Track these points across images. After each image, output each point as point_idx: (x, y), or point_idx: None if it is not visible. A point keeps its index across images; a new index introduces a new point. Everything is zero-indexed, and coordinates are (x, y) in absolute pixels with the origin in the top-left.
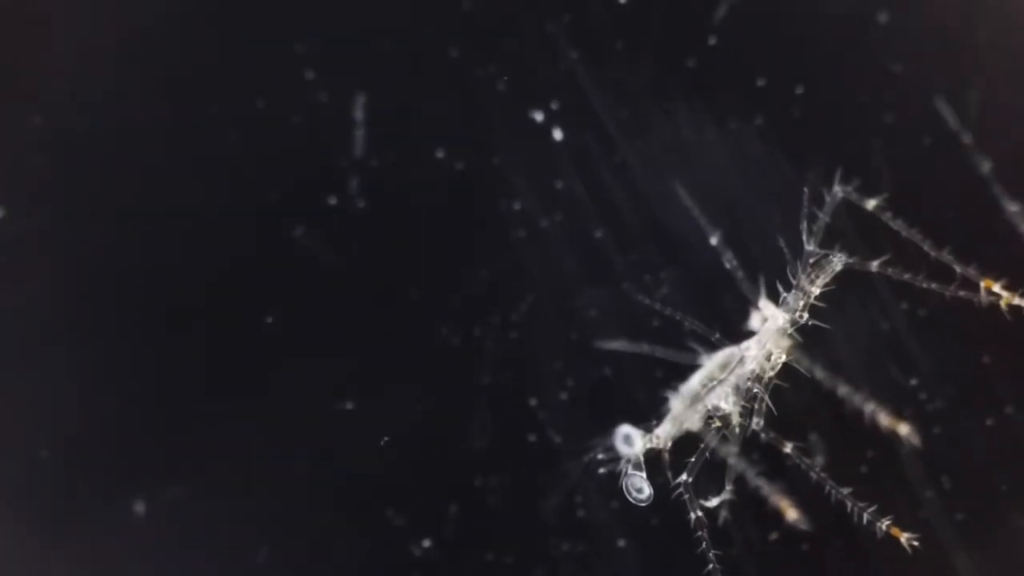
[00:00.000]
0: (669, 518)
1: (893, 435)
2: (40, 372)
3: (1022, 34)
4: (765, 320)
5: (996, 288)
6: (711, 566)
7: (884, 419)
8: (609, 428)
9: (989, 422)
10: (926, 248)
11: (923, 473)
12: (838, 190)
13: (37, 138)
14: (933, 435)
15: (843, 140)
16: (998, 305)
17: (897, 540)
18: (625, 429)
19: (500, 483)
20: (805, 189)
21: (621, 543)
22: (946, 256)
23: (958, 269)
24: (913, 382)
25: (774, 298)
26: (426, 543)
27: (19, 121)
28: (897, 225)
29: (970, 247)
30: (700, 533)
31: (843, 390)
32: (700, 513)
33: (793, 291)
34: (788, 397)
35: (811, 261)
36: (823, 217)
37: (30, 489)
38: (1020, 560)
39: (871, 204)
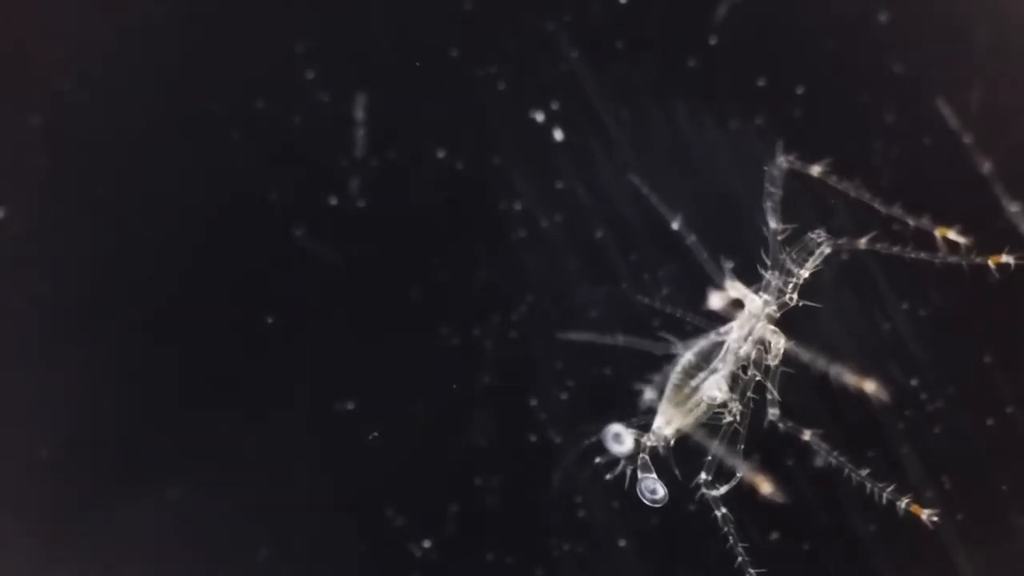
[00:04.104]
0: (670, 517)
1: (860, 393)
2: (40, 372)
3: (1022, 34)
4: (737, 302)
5: (951, 235)
6: (740, 560)
7: (849, 378)
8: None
9: (990, 422)
10: (876, 207)
11: (923, 473)
12: (781, 161)
13: (37, 138)
14: (934, 435)
15: (843, 140)
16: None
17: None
18: (615, 428)
19: (500, 483)
20: (764, 168)
21: (622, 543)
22: (898, 211)
23: (911, 223)
24: (914, 382)
25: (745, 276)
26: (426, 543)
27: (19, 121)
28: (845, 187)
29: (971, 247)
30: (727, 529)
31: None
32: (724, 510)
33: (771, 271)
34: (785, 399)
35: (779, 238)
36: (775, 191)
37: (30, 489)
38: (1021, 560)
39: (815, 170)
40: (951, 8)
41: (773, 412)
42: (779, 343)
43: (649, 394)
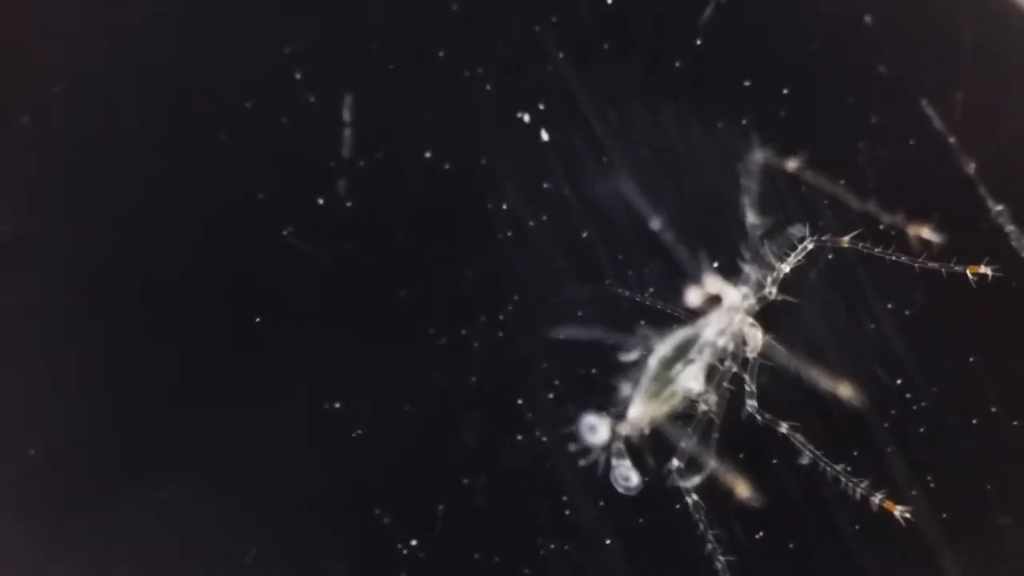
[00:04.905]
0: (656, 516)
1: (835, 398)
2: (37, 372)
3: (1007, 35)
4: (714, 296)
5: (925, 234)
6: (710, 547)
7: (825, 383)
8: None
9: (975, 421)
10: (851, 204)
11: (909, 472)
12: (757, 155)
13: (30, 139)
14: (919, 434)
15: (829, 140)
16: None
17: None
18: (590, 419)
19: (488, 482)
20: (739, 164)
21: (608, 542)
22: (873, 207)
23: (887, 219)
24: (899, 382)
25: (731, 276)
26: (413, 542)
27: (13, 122)
28: (819, 183)
29: (955, 247)
30: (697, 516)
31: (791, 361)
32: (696, 497)
33: (750, 264)
34: (773, 398)
35: (758, 233)
36: (751, 185)
37: (30, 489)
38: (1005, 559)
39: (791, 165)
40: (936, 10)
41: (751, 404)
42: (757, 336)
43: (626, 388)
